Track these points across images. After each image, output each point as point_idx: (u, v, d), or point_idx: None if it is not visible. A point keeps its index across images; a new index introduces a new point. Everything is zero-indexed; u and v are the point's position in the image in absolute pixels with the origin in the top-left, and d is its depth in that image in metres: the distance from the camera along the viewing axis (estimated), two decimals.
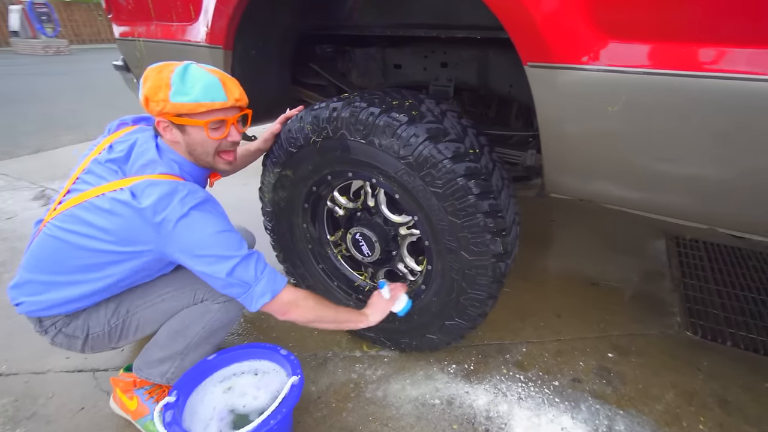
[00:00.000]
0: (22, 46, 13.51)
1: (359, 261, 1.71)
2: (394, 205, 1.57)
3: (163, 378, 1.42)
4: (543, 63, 1.09)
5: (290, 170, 1.59)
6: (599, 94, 1.05)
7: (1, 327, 1.89)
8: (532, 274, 2.33)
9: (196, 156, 1.31)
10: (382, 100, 1.38)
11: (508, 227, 1.36)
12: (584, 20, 1.03)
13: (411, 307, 1.54)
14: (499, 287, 1.42)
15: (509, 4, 1.10)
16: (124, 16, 2.09)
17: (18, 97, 7.05)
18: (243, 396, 1.37)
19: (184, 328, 1.37)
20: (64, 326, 1.32)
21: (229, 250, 1.21)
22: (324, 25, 1.83)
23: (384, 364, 1.71)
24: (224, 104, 1.23)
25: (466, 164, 1.28)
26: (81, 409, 1.52)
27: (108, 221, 1.18)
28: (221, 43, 1.63)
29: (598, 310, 2.05)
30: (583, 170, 1.22)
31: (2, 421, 1.47)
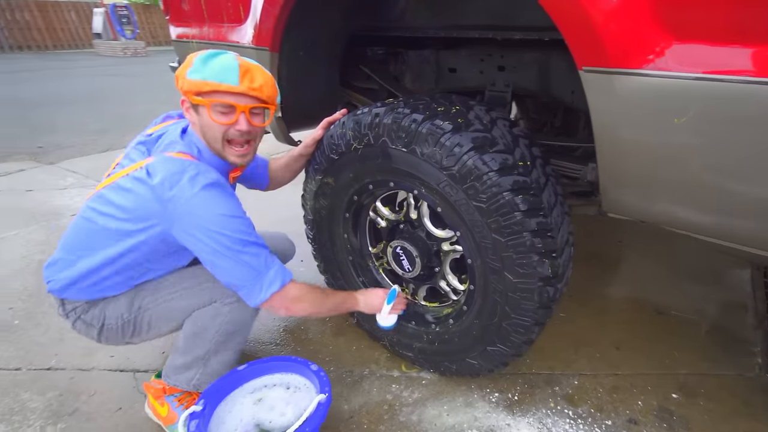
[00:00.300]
0: (103, 48, 14.79)
1: (401, 276, 1.70)
2: (437, 218, 1.54)
3: (189, 385, 1.48)
4: (599, 67, 1.04)
5: (331, 178, 1.62)
6: (663, 104, 0.98)
7: (57, 323, 2.04)
8: (592, 300, 2.20)
9: (209, 140, 1.33)
10: (427, 107, 1.36)
11: (559, 248, 1.30)
12: (647, 19, 0.96)
13: (394, 326, 1.60)
14: (547, 314, 1.36)
15: (562, 1, 1.05)
16: (180, 18, 2.22)
17: (94, 97, 7.70)
18: (271, 410, 1.41)
19: (200, 332, 1.40)
20: (83, 313, 1.40)
21: (238, 234, 1.23)
22: (375, 26, 1.85)
23: (422, 386, 1.68)
24: (232, 88, 1.23)
25: (514, 178, 1.24)
26: (119, 409, 1.61)
27: (126, 199, 1.27)
28: (267, 45, 1.68)
29: (663, 344, 1.91)
30: (643, 188, 1.15)
31: (46, 415, 1.59)
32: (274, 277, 1.29)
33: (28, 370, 1.80)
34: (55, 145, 4.89)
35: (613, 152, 1.13)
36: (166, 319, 1.42)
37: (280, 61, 1.73)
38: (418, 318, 1.68)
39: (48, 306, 2.16)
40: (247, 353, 1.87)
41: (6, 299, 2.24)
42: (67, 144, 4.90)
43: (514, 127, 1.42)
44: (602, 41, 1.00)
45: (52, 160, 4.40)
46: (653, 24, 0.96)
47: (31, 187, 3.74)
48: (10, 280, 2.41)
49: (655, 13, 0.95)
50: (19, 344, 1.94)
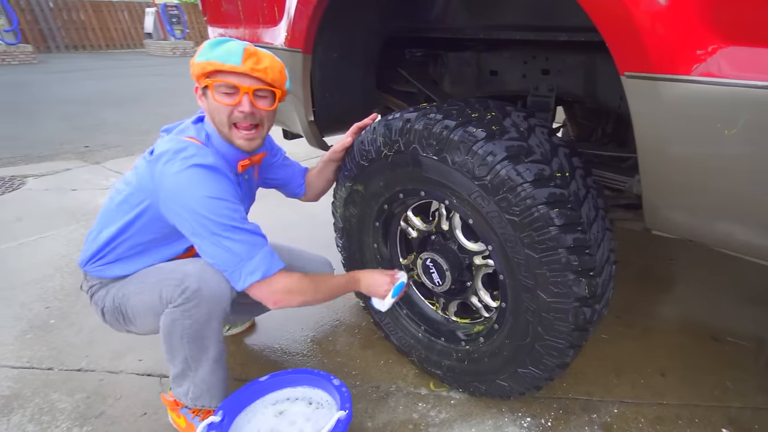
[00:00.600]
0: (153, 48, 15.52)
1: (431, 289, 1.70)
2: (470, 230, 1.53)
3: (186, 398, 1.51)
4: (642, 73, 1.00)
5: (361, 185, 1.64)
6: (713, 113, 0.94)
7: (90, 323, 2.15)
8: (639, 321, 2.13)
9: (217, 125, 1.39)
10: (461, 112, 1.35)
11: (598, 267, 1.27)
12: (695, 20, 0.92)
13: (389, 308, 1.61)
14: (583, 336, 1.33)
15: (603, 1, 1.03)
16: (218, 19, 2.30)
17: (142, 97, 8.09)
18: (291, 425, 1.44)
19: (167, 336, 1.40)
20: (95, 292, 1.51)
21: (221, 218, 1.27)
22: (413, 27, 1.86)
23: (450, 406, 1.68)
24: (234, 68, 1.28)
25: (550, 190, 1.22)
26: (143, 414, 1.68)
27: (132, 174, 1.41)
28: (300, 47, 1.70)
29: (715, 374, 1.81)
30: (688, 205, 1.11)
31: (74, 417, 1.67)
32: (257, 266, 1.31)
33: (60, 371, 1.89)
34: (102, 145, 5.16)
35: (657, 165, 1.10)
36: (142, 313, 1.44)
37: (312, 64, 1.76)
38: (449, 334, 1.68)
39: (82, 306, 2.26)
40: (271, 363, 1.92)
41: (44, 298, 2.37)
42: (113, 144, 5.16)
43: (554, 134, 1.40)
44: (646, 45, 0.97)
45: (97, 160, 4.65)
46: (702, 26, 0.92)
47: (76, 186, 3.96)
48: (48, 279, 2.55)
49: (704, 14, 0.91)
50: (52, 344, 2.05)
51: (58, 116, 6.55)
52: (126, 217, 1.40)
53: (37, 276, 2.58)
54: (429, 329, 1.73)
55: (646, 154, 1.10)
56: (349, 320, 2.19)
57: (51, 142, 5.28)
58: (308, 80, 1.79)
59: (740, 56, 0.89)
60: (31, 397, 1.76)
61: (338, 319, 2.20)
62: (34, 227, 3.19)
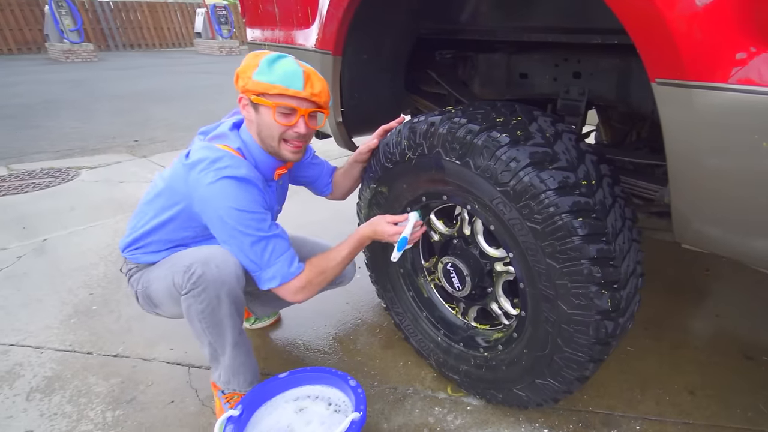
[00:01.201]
0: (202, 46, 15.86)
1: (451, 294, 1.65)
2: (491, 236, 1.47)
3: (219, 382, 1.57)
4: (675, 80, 0.92)
5: (385, 187, 1.60)
6: (751, 123, 0.85)
7: (128, 311, 2.21)
8: (668, 334, 1.98)
9: (263, 138, 1.42)
10: (486, 116, 1.30)
11: (622, 279, 1.19)
12: (733, 23, 0.84)
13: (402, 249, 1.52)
14: (604, 350, 1.25)
15: (632, 2, 0.95)
16: (255, 22, 2.31)
17: (189, 94, 8.28)
18: (307, 425, 1.42)
19: (191, 323, 1.45)
20: (132, 276, 1.57)
21: (246, 229, 1.33)
22: (443, 29, 1.80)
23: (466, 412, 1.62)
24: (297, 93, 1.32)
25: (574, 198, 1.15)
26: (171, 402, 1.70)
27: (168, 174, 1.45)
28: (330, 49, 1.69)
29: (748, 394, 1.66)
30: (722, 219, 1.02)
31: (108, 401, 1.71)
32: (273, 275, 1.38)
33: (98, 355, 1.94)
34: (149, 140, 5.30)
35: (689, 176, 1.01)
36: (162, 298, 1.50)
37: (342, 65, 1.73)
38: (467, 340, 1.63)
39: (123, 294, 2.33)
40: (293, 358, 1.92)
41: (88, 284, 2.45)
42: (160, 139, 5.31)
43: (582, 140, 1.33)
44: (679, 50, 0.89)
45: (144, 154, 4.77)
46: (741, 30, 0.84)
47: (124, 179, 4.07)
48: (93, 266, 2.62)
49: (743, 17, 0.83)
50: (93, 329, 2.10)
51: (113, 111, 6.76)
52: (163, 215, 1.46)
53: (83, 263, 2.66)
54: (448, 333, 1.68)
55: (678, 164, 1.02)
56: (371, 320, 2.16)
57: (104, 136, 5.45)
58: (338, 81, 1.77)
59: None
60: (71, 379, 1.80)
61: (360, 318, 2.17)
62: (84, 217, 3.28)
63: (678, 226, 1.11)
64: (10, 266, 2.63)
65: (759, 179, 0.90)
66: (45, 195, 3.69)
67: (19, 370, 1.84)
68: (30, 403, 1.69)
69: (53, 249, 2.83)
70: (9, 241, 2.91)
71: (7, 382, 1.78)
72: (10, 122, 6.08)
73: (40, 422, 1.60)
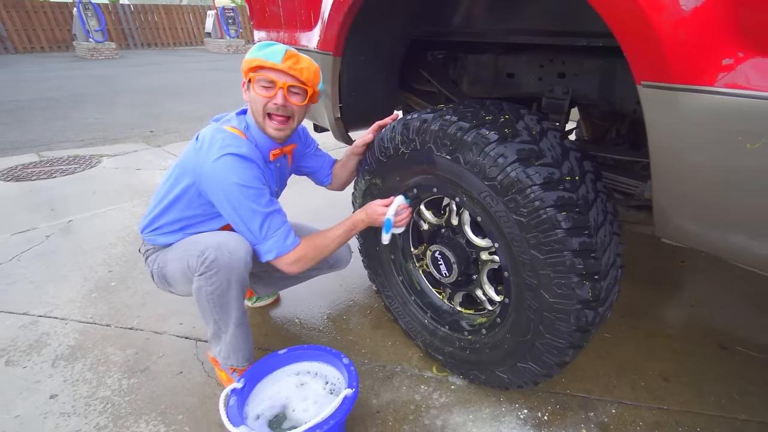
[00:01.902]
0: (211, 45, 15.55)
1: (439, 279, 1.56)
2: (478, 226, 1.40)
3: (220, 357, 1.50)
4: (661, 83, 0.84)
5: (379, 179, 1.52)
6: (736, 126, 0.78)
7: (143, 288, 2.16)
8: (643, 323, 1.85)
9: (254, 114, 1.38)
10: (475, 115, 1.22)
11: (603, 271, 1.11)
12: (721, 29, 0.76)
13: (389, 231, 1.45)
14: (584, 338, 1.17)
15: (618, 3, 0.86)
16: (262, 24, 2.21)
17: (199, 89, 8.06)
18: (304, 400, 1.36)
19: (199, 304, 1.41)
20: (148, 256, 1.53)
21: (246, 202, 1.28)
22: (436, 32, 1.70)
23: (450, 391, 1.54)
24: (275, 65, 1.28)
25: (558, 193, 1.08)
26: (180, 373, 1.65)
27: (182, 158, 1.40)
28: (331, 50, 1.61)
29: (722, 383, 1.55)
30: (703, 216, 0.93)
31: (123, 370, 1.67)
32: (270, 247, 1.34)
33: (116, 327, 1.89)
34: (164, 131, 5.18)
35: (672, 174, 0.92)
36: (177, 279, 1.46)
37: (342, 65, 1.64)
38: (453, 323, 1.54)
39: (138, 272, 2.28)
40: (290, 335, 1.85)
41: (107, 262, 2.40)
42: (173, 130, 5.18)
43: (566, 138, 1.24)
44: (666, 54, 0.81)
45: (159, 144, 4.66)
46: (728, 35, 0.76)
47: (140, 166, 3.97)
48: (112, 246, 2.57)
49: (730, 23, 0.75)
50: (111, 303, 2.05)
51: (131, 104, 6.61)
52: (174, 191, 1.41)
53: (103, 243, 2.60)
54: (435, 316, 1.60)
55: (661, 163, 0.93)
56: (362, 301, 2.07)
57: (124, 127, 5.33)
58: (337, 80, 1.68)
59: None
60: (92, 348, 1.77)
61: (352, 300, 2.08)
62: (104, 200, 3.21)
63: (659, 221, 1.02)
64: (39, 244, 2.59)
65: (741, 179, 0.82)
66: (71, 180, 3.61)
67: (46, 339, 1.82)
68: (55, 369, 1.66)
69: (77, 229, 2.78)
70: (39, 222, 2.87)
71: (35, 350, 1.76)
72: (41, 113, 5.96)
73: (63, 387, 1.58)
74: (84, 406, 1.51)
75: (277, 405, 1.35)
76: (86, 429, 1.41)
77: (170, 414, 1.47)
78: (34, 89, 7.77)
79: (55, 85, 8.26)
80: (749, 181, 0.81)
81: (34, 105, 6.49)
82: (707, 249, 0.98)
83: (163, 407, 1.50)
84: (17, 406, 1.50)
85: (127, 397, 1.54)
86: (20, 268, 2.35)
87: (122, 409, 1.49)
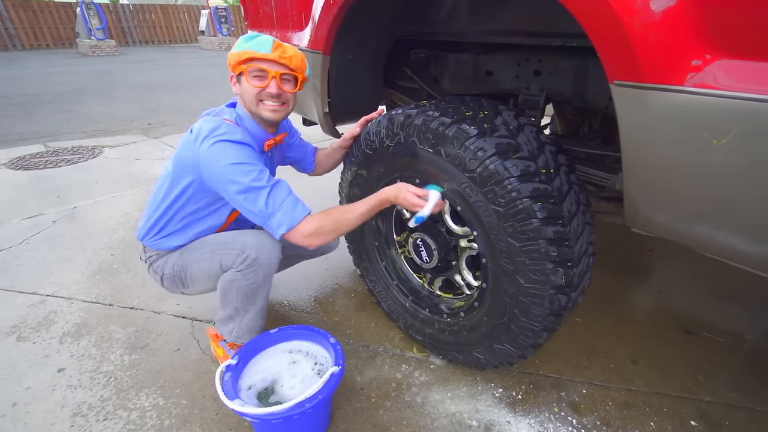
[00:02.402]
0: (204, 43, 15.10)
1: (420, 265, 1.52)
2: (458, 215, 1.36)
3: (230, 336, 1.46)
4: (632, 82, 0.81)
5: (365, 170, 1.46)
6: (703, 123, 0.75)
7: (143, 270, 2.06)
8: (614, 308, 1.79)
9: (247, 105, 1.30)
10: (456, 111, 1.18)
11: (576, 258, 1.08)
12: (688, 32, 0.73)
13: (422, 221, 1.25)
14: (557, 321, 1.14)
15: (592, 7, 0.82)
16: (256, 24, 2.14)
17: (193, 83, 7.82)
18: (293, 377, 1.30)
19: (225, 293, 1.37)
20: (153, 262, 1.44)
21: (244, 177, 1.18)
22: (420, 32, 1.64)
23: (430, 370, 1.50)
24: (266, 56, 1.21)
25: (534, 185, 1.04)
26: (177, 350, 1.62)
27: (177, 151, 1.30)
28: (320, 49, 1.54)
29: (688, 366, 1.50)
30: (670, 207, 0.90)
31: (125, 346, 1.64)
32: (280, 221, 1.20)
33: (118, 307, 1.85)
34: (161, 123, 5.02)
35: (642, 168, 0.89)
36: (199, 278, 1.40)
37: (330, 63, 1.58)
38: (433, 306, 1.50)
39: (138, 256, 2.22)
40: (280, 316, 1.80)
41: (110, 246, 2.34)
42: (169, 122, 5.02)
43: (542, 132, 1.20)
44: (637, 55, 0.78)
45: (156, 135, 4.51)
46: (695, 38, 0.73)
47: (139, 156, 3.84)
48: (114, 231, 2.51)
49: (698, 27, 0.72)
50: (114, 284, 2.00)
51: (130, 98, 6.40)
52: (174, 192, 1.33)
53: (105, 228, 2.54)
54: (416, 300, 1.55)
55: (631, 157, 0.90)
56: (347, 285, 2.02)
57: (123, 119, 5.16)
58: (326, 77, 1.61)
59: (734, 68, 0.71)
60: (96, 326, 1.74)
61: (338, 283, 2.03)
62: (106, 188, 3.11)
63: (629, 212, 0.99)
64: (46, 229, 2.53)
65: (707, 173, 0.80)
66: (75, 169, 3.50)
67: (54, 317, 1.79)
68: (62, 345, 1.64)
69: (82, 215, 2.70)
70: (46, 208, 2.80)
71: (44, 327, 1.74)
72: (47, 107, 5.76)
73: (70, 362, 1.56)
74: (89, 379, 1.49)
75: (268, 379, 1.30)
76: (91, 400, 1.40)
77: (168, 388, 1.45)
78: (40, 84, 7.52)
79: (59, 79, 7.98)
80: (715, 175, 0.79)
81: (41, 98, 6.27)
82: (674, 238, 0.95)
83: (161, 381, 1.47)
84: (28, 378, 1.49)
85: (128, 371, 1.52)
86: (29, 250, 2.30)
87: (124, 382, 1.47)
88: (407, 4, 1.54)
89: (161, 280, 1.45)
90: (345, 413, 1.35)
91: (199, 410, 1.37)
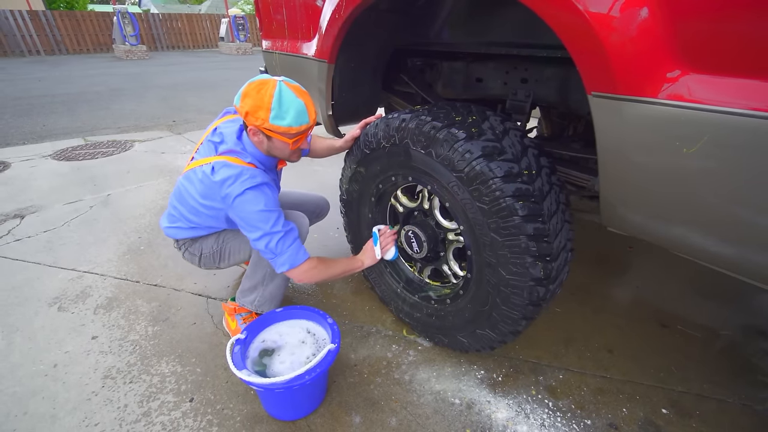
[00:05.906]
0: (224, 48, 14.87)
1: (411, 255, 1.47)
2: (446, 211, 1.31)
3: (252, 305, 1.46)
4: (609, 93, 0.77)
5: (363, 168, 1.41)
6: (674, 132, 0.71)
7: (165, 251, 2.11)
8: (592, 300, 1.72)
9: (275, 155, 1.30)
10: (447, 115, 1.13)
11: (554, 253, 1.03)
12: (661, 48, 0.70)
13: (396, 256, 1.48)
14: (536, 311, 1.10)
15: (571, 23, 0.78)
16: (269, 34, 2.07)
17: (214, 84, 7.71)
18: (291, 354, 1.25)
19: (258, 261, 1.42)
20: (189, 247, 1.47)
21: (265, 225, 1.22)
22: (416, 43, 1.58)
23: (418, 351, 1.46)
24: (308, 126, 1.20)
25: (517, 185, 0.99)
26: (193, 324, 1.61)
27: (198, 186, 1.28)
28: (326, 58, 1.50)
29: (661, 357, 1.43)
30: (643, 209, 0.85)
31: (149, 319, 1.64)
32: (285, 261, 1.26)
33: (143, 284, 1.85)
34: (184, 120, 4.95)
35: (616, 174, 0.85)
36: (238, 251, 1.46)
37: (334, 71, 1.53)
38: (421, 293, 1.46)
39: (162, 239, 2.22)
40: (285, 297, 1.75)
41: (138, 230, 2.33)
42: (191, 120, 4.94)
43: (526, 136, 1.14)
44: (613, 70, 0.74)
45: (180, 131, 4.44)
46: (668, 54, 0.69)
47: (164, 150, 3.78)
48: (142, 216, 2.49)
49: (671, 43, 0.69)
50: (140, 264, 2.00)
51: (158, 98, 6.32)
52: (206, 215, 1.35)
53: (134, 214, 2.52)
54: (406, 286, 1.51)
55: (607, 163, 0.86)
56: None
57: (151, 117, 5.09)
58: (330, 83, 1.56)
59: (702, 83, 0.68)
60: (124, 300, 1.75)
61: None
62: (136, 178, 3.08)
63: (605, 213, 0.94)
64: (84, 213, 2.52)
65: (676, 178, 0.76)
66: (110, 161, 3.47)
67: (89, 291, 1.81)
68: (96, 316, 1.66)
69: (114, 202, 2.69)
70: (84, 195, 2.79)
71: (81, 299, 1.76)
72: (87, 105, 5.71)
73: (102, 331, 1.58)
74: (118, 346, 1.50)
75: (277, 344, 1.28)
76: (119, 365, 1.42)
77: (185, 357, 1.45)
78: (81, 84, 7.45)
79: (98, 81, 7.90)
80: (685, 180, 0.75)
81: (82, 98, 6.20)
82: (648, 238, 0.90)
83: (180, 351, 1.48)
84: (67, 343, 1.52)
85: (151, 341, 1.53)
86: (69, 231, 2.31)
87: (148, 350, 1.49)
88: (406, 20, 1.49)
89: (199, 260, 1.48)
90: (339, 386, 1.32)
91: (211, 378, 1.36)
